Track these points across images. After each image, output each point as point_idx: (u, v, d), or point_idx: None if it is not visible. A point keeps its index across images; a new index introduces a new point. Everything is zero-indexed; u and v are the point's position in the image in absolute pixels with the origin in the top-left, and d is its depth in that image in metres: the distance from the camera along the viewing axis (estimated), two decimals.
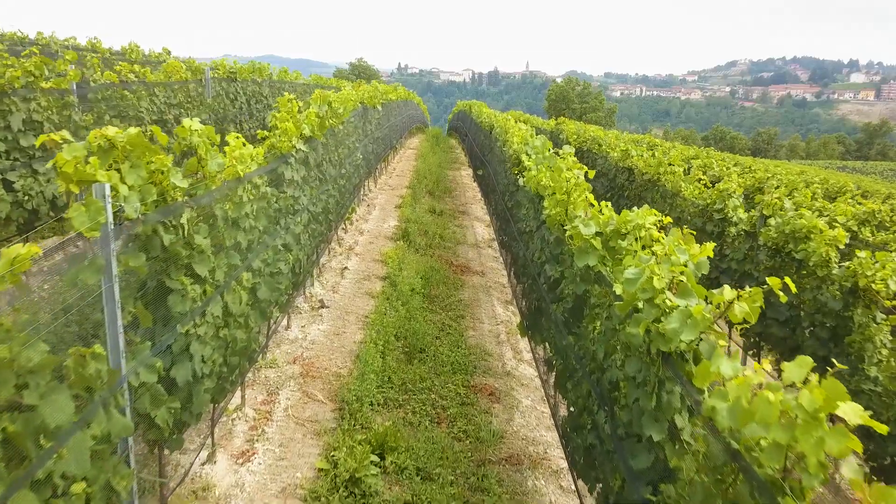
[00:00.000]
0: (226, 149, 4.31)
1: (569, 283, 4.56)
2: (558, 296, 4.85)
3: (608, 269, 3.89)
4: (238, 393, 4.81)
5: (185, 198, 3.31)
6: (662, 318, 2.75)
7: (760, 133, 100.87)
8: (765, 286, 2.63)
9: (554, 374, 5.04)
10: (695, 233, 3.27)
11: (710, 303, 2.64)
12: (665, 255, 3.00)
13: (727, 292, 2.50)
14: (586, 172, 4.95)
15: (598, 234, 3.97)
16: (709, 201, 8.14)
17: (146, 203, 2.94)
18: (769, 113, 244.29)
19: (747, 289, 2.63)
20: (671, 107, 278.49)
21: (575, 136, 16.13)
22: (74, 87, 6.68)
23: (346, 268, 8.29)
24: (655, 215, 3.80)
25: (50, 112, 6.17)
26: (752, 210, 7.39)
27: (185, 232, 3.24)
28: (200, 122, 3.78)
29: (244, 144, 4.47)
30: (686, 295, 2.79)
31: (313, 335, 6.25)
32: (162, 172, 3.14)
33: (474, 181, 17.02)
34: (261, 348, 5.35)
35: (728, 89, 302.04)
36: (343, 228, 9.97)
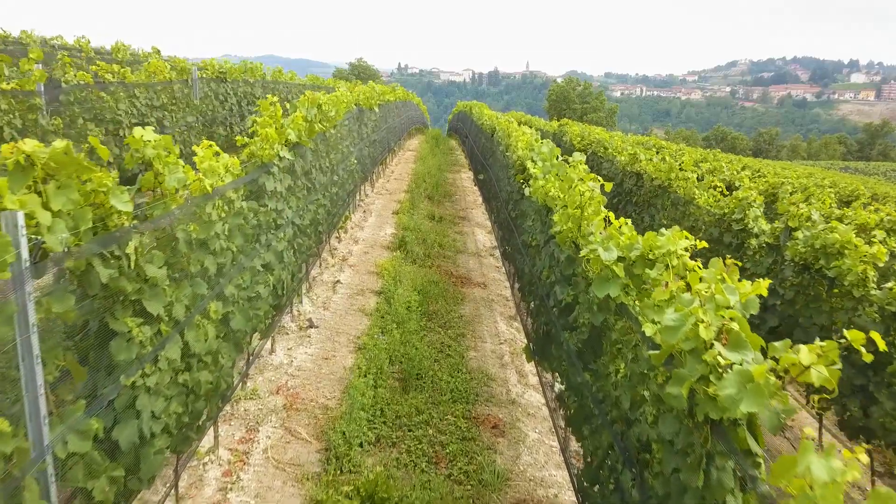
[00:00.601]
0: (195, 159, 3.79)
1: (583, 311, 4.04)
2: (571, 323, 4.32)
3: (632, 299, 3.37)
4: (211, 433, 4.28)
5: (134, 222, 2.79)
6: (712, 378, 2.22)
7: (762, 133, 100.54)
8: (842, 340, 2.10)
9: (566, 410, 4.52)
10: (731, 259, 2.75)
11: (775, 359, 2.11)
12: (710, 294, 2.47)
13: (804, 355, 1.97)
14: (602, 185, 4.41)
15: (619, 259, 3.44)
16: (726, 210, 7.61)
17: (79, 232, 2.42)
18: (769, 113, 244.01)
19: (818, 343, 2.10)
20: (671, 107, 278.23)
21: (579, 139, 15.61)
22: (42, 88, 6.15)
23: (338, 281, 7.76)
24: (687, 238, 3.27)
25: (12, 115, 5.64)
26: (776, 221, 6.87)
27: (133, 263, 2.71)
28: (187, 125, 3.33)
29: (217, 154, 3.94)
30: (740, 347, 2.26)
31: (300, 360, 5.72)
32: (104, 193, 2.61)
33: (475, 185, 16.49)
34: (240, 378, 4.83)
35: (728, 89, 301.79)
36: (336, 237, 9.45)
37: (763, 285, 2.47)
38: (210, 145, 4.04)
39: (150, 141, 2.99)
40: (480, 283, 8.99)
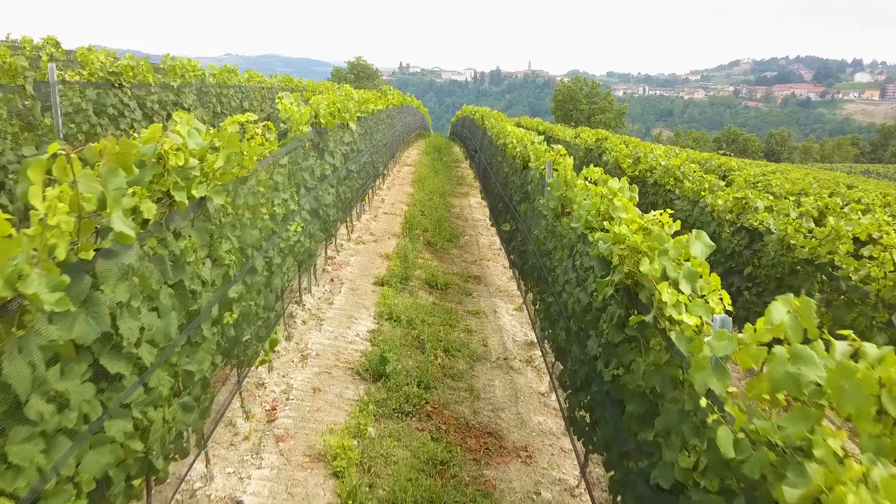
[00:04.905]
0: None
1: None
2: None
3: None
4: None
5: None
6: None
7: (773, 135, 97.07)
8: None
9: None
10: None
11: None
12: None
13: None
14: None
15: None
16: None
17: None
18: (773, 113, 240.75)
19: None
20: (674, 106, 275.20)
21: (629, 161, 11.64)
22: None
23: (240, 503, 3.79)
24: None
25: None
26: None
27: None
28: (20, 160, 0.51)
29: None
30: None
31: None
32: None
33: (489, 220, 12.54)
34: None
35: (731, 89, 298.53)
36: (266, 359, 5.46)
37: None
38: None
39: None
40: (519, 446, 5.04)
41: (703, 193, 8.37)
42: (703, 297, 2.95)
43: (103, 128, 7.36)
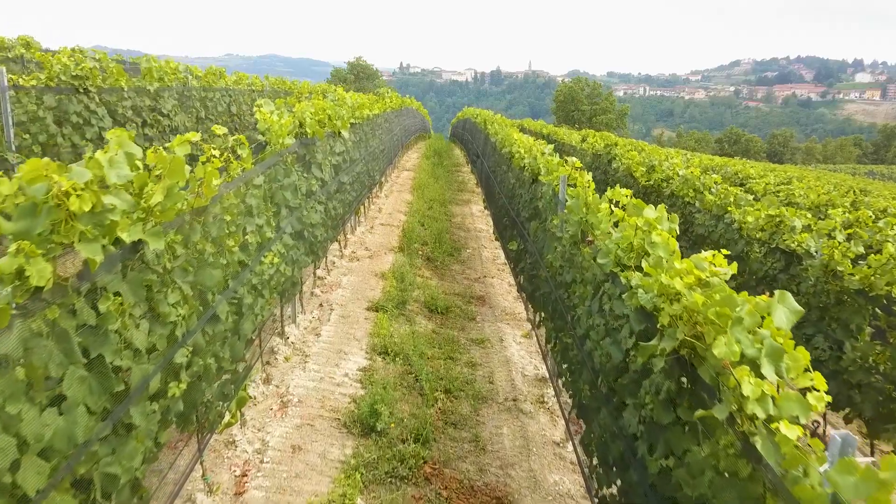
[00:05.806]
0: None
1: None
2: None
3: None
4: None
5: None
6: None
7: (776, 135, 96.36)
8: None
9: None
10: None
11: None
12: None
13: None
14: None
15: None
16: None
17: None
18: (774, 113, 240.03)
19: None
20: (675, 107, 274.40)
21: (642, 169, 10.88)
22: None
23: None
24: None
25: None
26: None
27: None
28: None
29: None
30: None
31: None
32: None
33: (493, 233, 11.79)
34: None
35: (732, 89, 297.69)
36: (233, 422, 4.69)
37: None
38: None
39: None
40: None
41: (728, 208, 7.62)
42: (791, 384, 2.21)
43: (65, 137, 6.62)
